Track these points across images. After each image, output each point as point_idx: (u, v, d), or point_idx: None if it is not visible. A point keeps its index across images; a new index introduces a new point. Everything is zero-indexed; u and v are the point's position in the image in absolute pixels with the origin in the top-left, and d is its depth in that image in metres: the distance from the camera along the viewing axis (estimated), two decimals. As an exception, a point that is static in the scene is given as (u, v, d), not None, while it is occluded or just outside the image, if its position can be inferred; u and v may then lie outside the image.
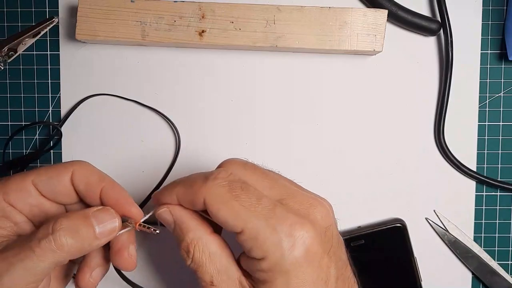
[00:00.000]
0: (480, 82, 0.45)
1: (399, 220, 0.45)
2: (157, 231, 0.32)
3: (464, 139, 0.46)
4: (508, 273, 0.45)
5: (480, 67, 0.45)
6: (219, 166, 0.32)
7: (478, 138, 0.46)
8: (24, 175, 0.32)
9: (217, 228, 0.32)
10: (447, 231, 0.46)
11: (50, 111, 0.46)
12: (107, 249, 0.33)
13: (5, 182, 0.32)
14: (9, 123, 0.46)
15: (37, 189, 0.32)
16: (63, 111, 0.46)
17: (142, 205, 0.45)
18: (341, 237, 0.31)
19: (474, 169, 0.45)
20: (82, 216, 0.30)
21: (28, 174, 0.32)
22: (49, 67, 0.46)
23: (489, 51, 0.45)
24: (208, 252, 0.30)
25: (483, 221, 0.46)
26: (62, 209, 0.34)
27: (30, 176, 0.32)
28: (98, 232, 0.30)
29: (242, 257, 0.30)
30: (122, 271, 0.34)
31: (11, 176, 0.33)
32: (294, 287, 0.28)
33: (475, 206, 0.46)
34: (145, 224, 0.32)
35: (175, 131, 0.46)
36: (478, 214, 0.46)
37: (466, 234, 0.46)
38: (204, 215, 0.32)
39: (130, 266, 0.33)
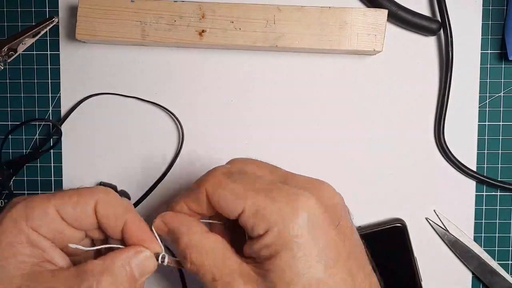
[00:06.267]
0: (480, 82, 0.45)
1: (399, 220, 0.45)
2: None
3: (464, 139, 0.46)
4: (508, 273, 0.45)
5: (480, 67, 0.45)
6: None
7: (478, 138, 0.46)
8: (46, 200, 0.31)
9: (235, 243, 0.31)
10: (447, 231, 0.46)
11: (50, 111, 0.46)
12: None
13: (28, 208, 0.30)
14: (9, 123, 0.46)
15: (59, 214, 0.31)
16: (63, 111, 0.46)
17: (141, 204, 0.45)
18: (358, 237, 0.31)
19: (474, 169, 0.45)
20: (122, 266, 0.29)
21: (50, 199, 0.31)
22: (49, 67, 0.46)
23: (489, 51, 0.45)
24: (204, 252, 0.30)
25: (483, 221, 0.46)
26: (82, 234, 0.32)
27: (52, 201, 0.30)
28: (138, 277, 0.30)
29: (246, 245, 0.30)
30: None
31: (32, 199, 0.31)
32: (299, 258, 0.27)
33: (475, 206, 0.46)
34: (171, 257, 0.31)
35: (179, 126, 0.46)
36: (478, 214, 0.46)
37: (466, 234, 0.46)
38: (213, 221, 0.33)
39: None
